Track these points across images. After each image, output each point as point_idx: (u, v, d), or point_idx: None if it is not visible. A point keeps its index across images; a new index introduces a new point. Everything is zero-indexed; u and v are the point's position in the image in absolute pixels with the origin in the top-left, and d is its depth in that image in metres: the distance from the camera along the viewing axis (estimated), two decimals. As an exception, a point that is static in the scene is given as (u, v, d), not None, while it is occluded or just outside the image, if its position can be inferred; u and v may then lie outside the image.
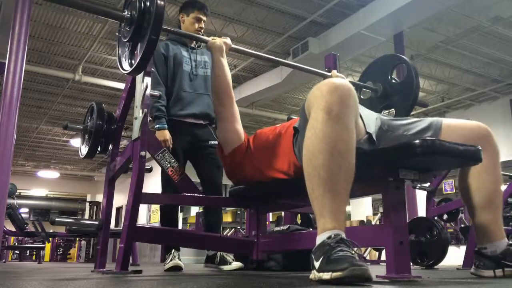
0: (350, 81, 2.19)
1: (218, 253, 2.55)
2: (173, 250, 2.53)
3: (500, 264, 1.41)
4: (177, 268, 2.43)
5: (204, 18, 2.73)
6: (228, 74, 1.91)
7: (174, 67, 2.64)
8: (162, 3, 1.50)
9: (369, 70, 2.34)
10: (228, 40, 2.00)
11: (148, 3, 1.54)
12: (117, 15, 1.64)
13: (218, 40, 1.95)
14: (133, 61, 1.63)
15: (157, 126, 2.56)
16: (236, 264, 2.52)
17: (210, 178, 2.68)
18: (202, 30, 2.73)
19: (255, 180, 1.79)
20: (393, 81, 2.20)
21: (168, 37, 2.78)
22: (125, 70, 1.70)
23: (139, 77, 2.01)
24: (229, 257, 2.57)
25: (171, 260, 2.47)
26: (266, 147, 1.73)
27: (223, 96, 1.87)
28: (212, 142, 2.64)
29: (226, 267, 2.51)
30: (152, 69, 2.58)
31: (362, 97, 2.32)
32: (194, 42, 2.77)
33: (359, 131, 1.36)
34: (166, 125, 2.54)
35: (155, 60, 2.61)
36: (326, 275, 1.02)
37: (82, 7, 1.66)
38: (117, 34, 1.79)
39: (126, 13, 1.61)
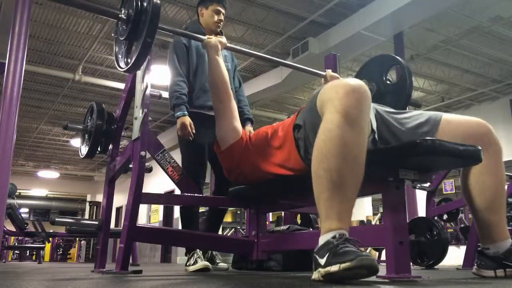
0: None
1: (209, 252, 2.55)
2: (197, 249, 2.39)
3: (501, 264, 1.40)
4: (205, 270, 2.29)
5: (223, 11, 2.69)
6: (225, 71, 1.92)
7: (197, 58, 2.61)
8: (159, 2, 1.51)
9: (364, 70, 2.34)
10: (224, 39, 2.01)
11: (144, 3, 1.54)
12: (113, 14, 1.65)
13: (214, 39, 1.96)
14: (129, 60, 1.63)
15: (177, 114, 2.45)
16: (222, 265, 2.57)
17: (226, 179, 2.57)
18: (222, 23, 2.69)
19: (254, 178, 1.78)
20: (388, 81, 2.20)
21: (189, 29, 2.69)
22: (121, 68, 1.72)
23: (139, 77, 2.01)
24: (218, 257, 2.59)
25: (195, 261, 2.32)
26: (267, 143, 1.72)
27: (220, 93, 1.89)
28: None
29: (212, 266, 2.46)
30: (174, 57, 2.53)
31: None
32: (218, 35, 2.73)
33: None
34: (186, 112, 2.44)
35: (177, 50, 2.59)
36: (334, 267, 1.01)
37: (78, 5, 1.67)
38: (112, 35, 1.80)
39: (122, 12, 1.61)
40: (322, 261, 1.07)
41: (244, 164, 1.80)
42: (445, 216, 4.73)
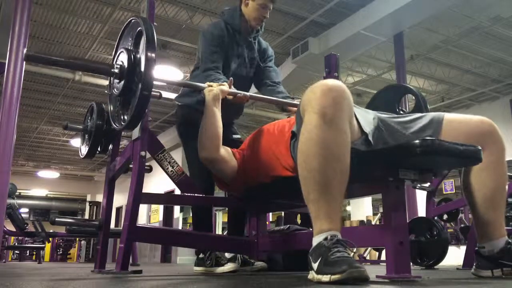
0: None
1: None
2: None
3: (497, 264, 1.39)
4: (234, 272, 2.10)
5: (271, 7, 2.34)
6: (220, 125, 1.86)
7: (229, 50, 2.30)
8: (153, 55, 1.49)
9: (376, 100, 2.24)
10: (226, 87, 1.93)
11: (138, 56, 1.53)
12: (106, 70, 1.64)
13: (215, 89, 1.88)
14: (125, 117, 1.60)
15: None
16: (258, 264, 2.25)
17: None
18: (264, 21, 2.37)
19: (255, 184, 1.80)
20: (401, 112, 2.14)
21: (225, 17, 2.37)
22: (117, 126, 1.68)
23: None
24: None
25: (218, 263, 2.12)
26: (269, 144, 1.72)
27: (209, 146, 1.84)
28: (236, 136, 2.39)
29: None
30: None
31: None
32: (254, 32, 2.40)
33: (354, 132, 1.35)
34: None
35: (211, 39, 2.24)
36: (325, 278, 1.02)
37: (73, 66, 1.67)
38: (106, 91, 1.79)
39: (115, 67, 1.59)
40: (315, 266, 1.08)
41: (247, 177, 1.83)
42: (445, 216, 4.74)
